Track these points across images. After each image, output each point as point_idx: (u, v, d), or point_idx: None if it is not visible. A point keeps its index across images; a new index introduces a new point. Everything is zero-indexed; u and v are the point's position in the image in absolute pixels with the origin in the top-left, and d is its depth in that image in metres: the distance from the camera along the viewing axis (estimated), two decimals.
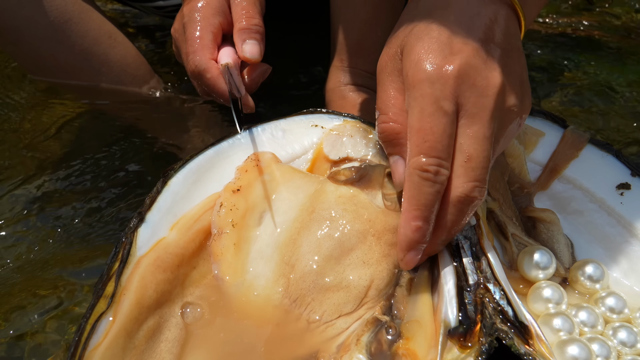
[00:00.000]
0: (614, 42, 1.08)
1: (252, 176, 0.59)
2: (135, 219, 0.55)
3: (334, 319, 0.52)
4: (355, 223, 0.55)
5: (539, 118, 0.65)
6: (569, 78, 1.01)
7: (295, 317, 0.53)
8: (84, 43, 0.84)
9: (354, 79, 0.82)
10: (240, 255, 0.55)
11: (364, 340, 0.50)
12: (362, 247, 0.55)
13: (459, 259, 0.53)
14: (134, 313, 0.50)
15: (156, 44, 1.09)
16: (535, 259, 0.57)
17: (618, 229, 0.60)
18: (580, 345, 0.52)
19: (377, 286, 0.53)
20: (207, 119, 0.91)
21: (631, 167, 0.61)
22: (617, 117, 0.92)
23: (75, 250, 0.73)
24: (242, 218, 0.56)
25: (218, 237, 0.55)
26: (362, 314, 0.52)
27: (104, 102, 0.91)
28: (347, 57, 0.81)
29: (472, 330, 0.49)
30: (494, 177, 0.62)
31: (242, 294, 0.54)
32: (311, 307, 0.53)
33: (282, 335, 0.51)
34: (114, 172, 0.82)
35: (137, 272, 0.52)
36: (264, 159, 0.60)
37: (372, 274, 0.54)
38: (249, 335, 0.52)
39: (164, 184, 0.58)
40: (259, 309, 0.53)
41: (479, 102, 0.49)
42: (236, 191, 0.57)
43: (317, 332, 0.52)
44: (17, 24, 0.81)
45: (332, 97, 0.83)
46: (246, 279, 0.54)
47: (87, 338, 0.47)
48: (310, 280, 0.54)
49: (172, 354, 0.50)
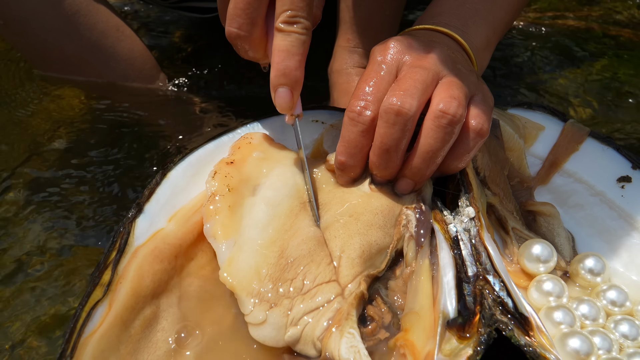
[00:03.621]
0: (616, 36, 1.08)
1: (245, 152, 0.59)
2: (133, 209, 0.55)
3: (325, 283, 0.52)
4: (339, 203, 0.56)
5: (538, 112, 0.65)
6: (570, 72, 1.01)
7: (292, 276, 0.52)
8: (92, 36, 0.83)
9: (360, 60, 0.81)
10: (234, 217, 0.55)
11: (354, 314, 0.49)
12: (339, 221, 0.55)
13: (458, 251, 0.53)
14: (130, 302, 0.49)
15: (158, 40, 1.09)
16: (536, 252, 0.57)
17: (619, 222, 0.59)
18: (582, 337, 0.51)
19: (349, 255, 0.53)
20: (210, 115, 0.91)
21: (632, 160, 0.61)
22: (618, 111, 0.91)
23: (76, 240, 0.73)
24: (238, 185, 0.56)
25: (212, 199, 0.55)
26: (343, 285, 0.52)
27: (110, 97, 0.91)
28: (353, 36, 0.81)
29: (471, 321, 0.48)
30: (494, 171, 0.62)
31: (233, 253, 0.53)
32: (308, 268, 0.52)
33: (275, 296, 0.51)
34: (118, 168, 0.82)
35: (134, 262, 0.52)
36: (256, 136, 0.60)
37: (342, 245, 0.53)
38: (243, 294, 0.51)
39: (163, 176, 0.58)
40: (252, 269, 0.52)
41: (413, 65, 0.54)
42: (230, 163, 0.57)
43: (300, 299, 0.51)
44: (24, 14, 0.80)
45: (337, 79, 0.83)
46: (237, 240, 0.54)
47: (82, 325, 0.47)
48: (311, 243, 0.53)
49: (169, 343, 0.50)
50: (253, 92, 0.95)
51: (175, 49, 1.07)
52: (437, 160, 0.54)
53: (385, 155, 0.54)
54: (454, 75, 0.54)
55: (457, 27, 0.62)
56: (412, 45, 0.55)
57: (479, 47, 0.63)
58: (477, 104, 0.55)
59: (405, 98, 0.52)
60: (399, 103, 0.52)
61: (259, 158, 0.59)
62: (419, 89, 0.52)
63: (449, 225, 0.55)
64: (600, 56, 1.03)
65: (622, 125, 0.88)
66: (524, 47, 1.07)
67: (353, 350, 0.47)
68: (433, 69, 0.54)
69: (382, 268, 0.54)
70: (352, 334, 0.48)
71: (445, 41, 0.60)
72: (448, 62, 0.55)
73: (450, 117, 0.52)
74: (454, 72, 0.54)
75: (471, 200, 0.55)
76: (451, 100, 0.52)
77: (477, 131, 0.54)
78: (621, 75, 0.98)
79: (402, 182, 0.56)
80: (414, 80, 0.53)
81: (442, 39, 0.60)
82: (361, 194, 0.57)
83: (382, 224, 0.55)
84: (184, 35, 1.10)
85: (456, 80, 0.54)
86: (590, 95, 0.95)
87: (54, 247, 0.72)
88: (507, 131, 0.64)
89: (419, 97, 0.52)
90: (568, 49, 1.06)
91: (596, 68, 1.01)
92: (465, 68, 0.57)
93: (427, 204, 0.57)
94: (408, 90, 0.52)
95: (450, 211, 0.56)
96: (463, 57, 0.59)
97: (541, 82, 0.98)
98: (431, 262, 0.54)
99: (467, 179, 0.57)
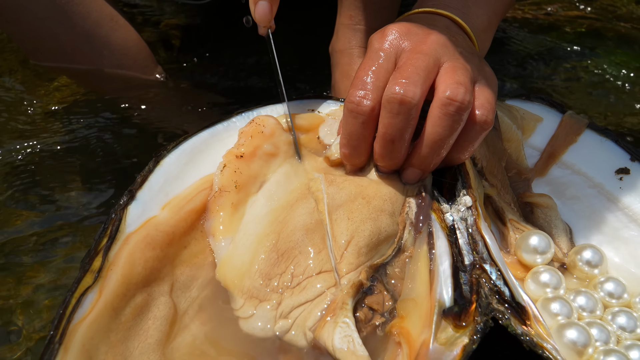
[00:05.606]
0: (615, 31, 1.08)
1: (256, 143, 0.58)
2: (125, 196, 0.54)
3: (316, 274, 0.51)
4: (350, 186, 0.55)
5: (537, 103, 0.64)
6: (568, 65, 1.01)
7: (281, 270, 0.52)
8: (86, 25, 0.82)
9: (363, 39, 0.80)
10: (236, 216, 0.55)
11: (349, 303, 0.48)
12: (350, 205, 0.54)
13: (454, 240, 0.53)
14: (121, 289, 0.49)
15: (152, 30, 1.08)
16: (533, 244, 0.56)
17: (617, 214, 0.59)
18: (579, 329, 0.51)
19: (357, 243, 0.52)
20: (205, 104, 0.90)
21: (630, 152, 0.60)
22: (617, 103, 0.91)
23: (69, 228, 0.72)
24: (246, 183, 0.56)
25: (218, 194, 0.55)
26: (343, 274, 0.51)
27: (104, 87, 0.90)
28: (355, 13, 0.80)
29: (467, 310, 0.48)
30: (491, 163, 0.61)
31: (229, 251, 0.53)
32: (297, 260, 0.52)
33: (264, 292, 0.51)
34: (110, 156, 0.81)
35: (125, 249, 0.51)
36: (268, 124, 0.59)
37: (353, 230, 0.53)
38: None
39: (157, 163, 0.57)
40: (244, 264, 0.52)
41: (414, 50, 0.53)
42: (239, 157, 0.57)
43: (297, 291, 0.51)
44: (18, 2, 0.79)
45: (340, 59, 0.82)
46: (235, 237, 0.54)
47: (72, 311, 0.46)
48: (300, 233, 0.53)
49: (160, 332, 0.49)
50: (249, 82, 0.95)
51: (169, 39, 1.06)
52: (445, 149, 0.53)
53: (390, 146, 0.53)
54: (456, 59, 0.53)
55: (457, 9, 0.60)
56: (410, 30, 0.54)
57: (480, 29, 0.61)
58: (481, 90, 0.53)
59: (408, 86, 0.50)
60: (402, 92, 0.50)
61: (269, 153, 0.58)
62: (421, 76, 0.51)
63: (446, 214, 0.54)
64: (597, 50, 1.03)
65: (619, 118, 0.88)
66: (518, 40, 1.07)
67: (347, 340, 0.46)
68: (433, 54, 0.52)
69: (388, 255, 0.53)
70: (347, 323, 0.47)
71: (445, 24, 0.59)
72: (449, 46, 0.54)
73: (458, 104, 0.50)
74: (455, 56, 0.53)
75: (468, 190, 0.55)
76: (458, 87, 0.50)
77: (482, 122, 0.52)
78: (618, 69, 0.98)
79: (410, 171, 0.55)
80: (415, 67, 0.51)
81: (442, 22, 0.59)
82: (369, 181, 0.56)
83: (390, 210, 0.54)
84: (178, 24, 1.10)
85: (460, 65, 0.52)
86: (587, 89, 0.95)
87: (46, 235, 0.71)
88: (505, 122, 0.64)
89: (422, 84, 0.51)
90: (566, 42, 1.05)
91: (593, 61, 1.01)
92: (467, 51, 0.55)
93: (427, 192, 0.56)
94: (410, 77, 0.51)
95: (447, 200, 0.56)
96: (464, 40, 0.58)
97: (539, 74, 0.98)
98: (429, 249, 0.54)
99: (465, 169, 0.56)
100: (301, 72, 0.97)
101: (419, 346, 0.46)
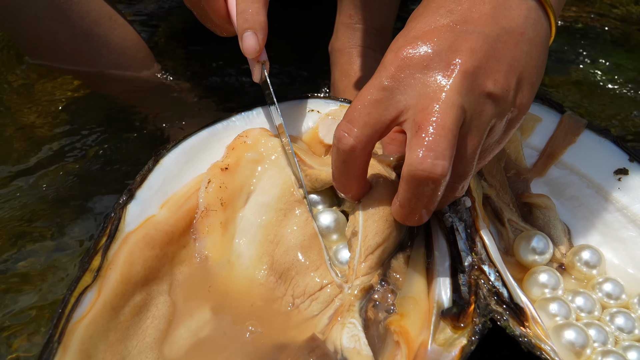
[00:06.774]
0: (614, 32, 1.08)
1: (239, 153, 0.58)
2: (124, 195, 0.54)
3: (318, 291, 0.51)
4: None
5: (536, 103, 0.64)
6: (567, 66, 1.01)
7: (281, 293, 0.52)
8: (84, 24, 0.82)
9: (362, 38, 0.79)
10: (226, 235, 0.55)
11: (357, 305, 0.49)
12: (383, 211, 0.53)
13: (453, 241, 0.53)
14: (120, 288, 0.49)
15: (151, 29, 1.08)
16: (531, 244, 0.56)
17: (615, 214, 0.59)
18: (577, 329, 0.51)
19: (385, 249, 0.52)
20: (205, 103, 0.90)
21: (629, 153, 0.60)
22: (616, 103, 0.91)
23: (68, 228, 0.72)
24: (231, 198, 0.56)
25: (205, 214, 0.55)
26: (358, 275, 0.51)
27: (103, 85, 0.90)
28: (355, 12, 0.78)
29: (466, 311, 0.48)
30: (490, 163, 0.61)
31: (226, 273, 0.53)
32: (295, 281, 0.52)
33: (270, 312, 0.50)
34: (109, 155, 0.81)
35: (124, 248, 0.51)
36: (252, 134, 0.59)
37: (386, 236, 0.52)
38: (238, 315, 0.51)
39: (156, 162, 0.57)
40: (244, 288, 0.52)
41: (428, 87, 0.45)
42: (224, 169, 0.57)
43: (302, 308, 0.51)
44: (17, 1, 0.79)
45: (339, 59, 0.81)
46: (230, 259, 0.54)
47: (71, 310, 0.46)
48: (293, 253, 0.53)
49: (158, 331, 0.49)
50: (248, 81, 0.94)
51: (169, 38, 1.06)
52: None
53: (407, 216, 0.48)
54: (494, 103, 0.45)
55: None
56: (430, 58, 0.45)
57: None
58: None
59: (435, 163, 0.43)
60: (428, 168, 0.43)
61: (252, 160, 0.58)
62: (450, 141, 0.43)
63: (445, 215, 0.54)
64: (596, 50, 1.03)
65: (618, 119, 0.88)
66: None
67: (354, 340, 0.47)
68: (461, 105, 0.44)
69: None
70: (354, 324, 0.48)
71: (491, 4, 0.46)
72: (488, 73, 0.44)
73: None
74: (493, 99, 0.45)
75: (468, 191, 0.55)
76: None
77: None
78: (617, 69, 0.98)
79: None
80: (444, 130, 0.43)
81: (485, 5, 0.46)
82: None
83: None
84: (177, 23, 1.10)
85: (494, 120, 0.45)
86: (586, 89, 0.95)
87: (45, 234, 0.71)
88: None
89: (450, 154, 0.43)
90: (564, 43, 1.05)
91: (592, 61, 1.01)
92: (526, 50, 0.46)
93: None
94: (437, 149, 0.43)
95: None
96: (524, 18, 0.46)
97: None
98: (427, 250, 0.54)
99: None
100: (300, 71, 0.97)
101: (418, 347, 0.46)
